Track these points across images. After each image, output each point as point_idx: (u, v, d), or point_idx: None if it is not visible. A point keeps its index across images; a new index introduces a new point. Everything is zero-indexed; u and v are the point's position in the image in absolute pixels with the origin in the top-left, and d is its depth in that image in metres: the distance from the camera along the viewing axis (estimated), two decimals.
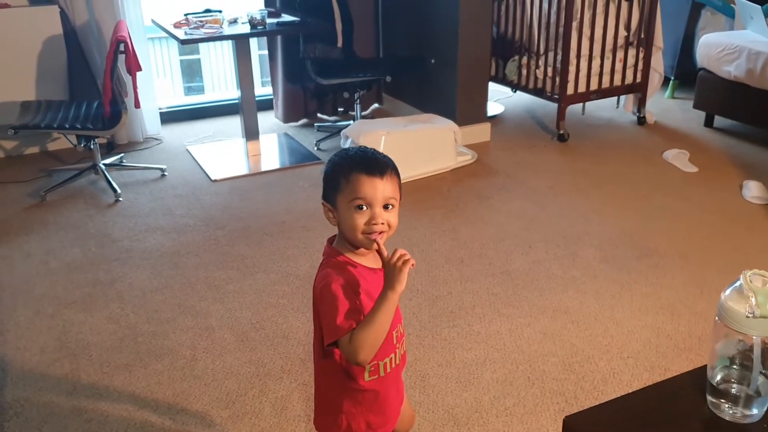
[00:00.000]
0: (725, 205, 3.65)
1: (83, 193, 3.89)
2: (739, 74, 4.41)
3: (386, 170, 1.39)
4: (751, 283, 1.05)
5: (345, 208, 1.38)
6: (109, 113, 3.65)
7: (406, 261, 1.32)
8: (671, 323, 2.65)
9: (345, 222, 1.39)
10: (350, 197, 1.37)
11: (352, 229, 1.38)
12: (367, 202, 1.37)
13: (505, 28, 4.92)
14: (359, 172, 1.37)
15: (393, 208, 1.40)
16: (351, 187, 1.37)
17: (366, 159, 1.40)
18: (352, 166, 1.39)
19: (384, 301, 1.32)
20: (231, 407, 2.24)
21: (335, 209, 1.41)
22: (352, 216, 1.37)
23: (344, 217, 1.39)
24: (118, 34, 3.53)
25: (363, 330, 1.32)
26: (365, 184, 1.36)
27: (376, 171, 1.37)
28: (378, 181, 1.37)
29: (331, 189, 1.41)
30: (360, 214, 1.37)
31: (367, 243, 1.39)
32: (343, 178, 1.38)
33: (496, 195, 3.79)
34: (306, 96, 4.97)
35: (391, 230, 1.40)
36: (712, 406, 1.12)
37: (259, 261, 3.15)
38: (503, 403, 2.24)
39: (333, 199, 1.41)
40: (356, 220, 1.37)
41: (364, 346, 1.32)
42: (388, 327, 1.34)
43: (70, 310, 2.79)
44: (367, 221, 1.37)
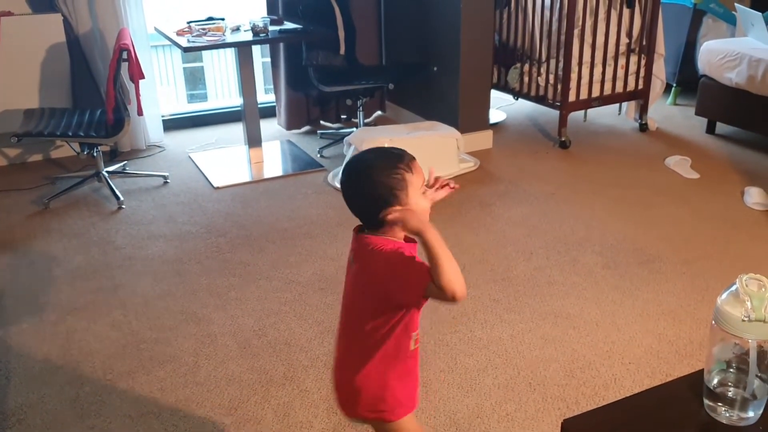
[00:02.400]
0: (727, 211, 3.66)
1: (86, 201, 3.91)
2: (741, 81, 4.42)
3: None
4: (746, 287, 1.05)
5: (417, 193, 1.48)
6: (112, 121, 3.67)
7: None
8: (673, 329, 2.65)
9: (420, 208, 1.48)
10: (419, 181, 1.49)
11: (425, 212, 1.49)
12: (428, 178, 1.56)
13: (507, 36, 4.94)
14: (411, 161, 1.49)
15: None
16: (417, 173, 1.48)
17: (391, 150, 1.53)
18: (401, 157, 1.49)
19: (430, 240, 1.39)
20: (233, 414, 2.25)
21: (405, 203, 1.46)
22: (424, 200, 1.50)
23: (417, 204, 1.47)
24: (121, 41, 3.55)
25: (439, 268, 1.37)
26: (420, 168, 1.50)
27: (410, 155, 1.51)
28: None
29: (395, 189, 1.46)
30: (425, 197, 1.52)
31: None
32: (404, 169, 1.47)
33: (498, 202, 3.80)
34: (309, 103, 4.99)
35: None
36: (708, 410, 1.12)
37: (261, 268, 3.16)
38: (504, 409, 2.24)
39: (402, 197, 1.46)
40: (425, 202, 1.51)
41: (452, 279, 1.38)
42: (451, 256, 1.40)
43: (74, 317, 2.80)
44: (431, 186, 1.56)
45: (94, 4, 4.23)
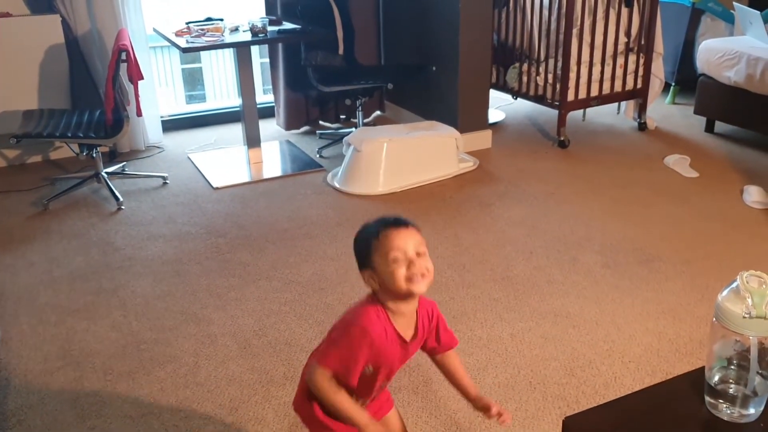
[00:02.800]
0: (726, 210, 3.66)
1: (86, 202, 3.91)
2: (739, 80, 4.42)
3: (408, 223, 1.50)
4: (747, 284, 1.05)
5: (383, 265, 1.46)
6: (111, 122, 3.67)
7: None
8: (673, 328, 2.65)
9: (387, 277, 1.46)
10: (385, 252, 1.45)
11: (396, 280, 1.45)
12: (402, 251, 1.45)
13: (505, 36, 4.94)
14: (386, 228, 1.47)
15: (425, 254, 1.48)
16: (383, 243, 1.45)
17: (387, 218, 1.51)
18: (378, 227, 1.49)
19: (352, 418, 1.51)
20: (234, 414, 2.25)
21: (374, 271, 1.48)
22: (392, 269, 1.45)
23: (385, 273, 1.46)
24: (120, 42, 3.55)
25: (332, 399, 1.50)
26: (395, 237, 1.46)
27: (400, 224, 1.48)
28: (405, 231, 1.47)
29: (365, 255, 1.50)
30: (398, 265, 1.45)
31: (413, 289, 1.46)
32: (374, 239, 1.47)
33: (497, 201, 3.80)
34: (308, 103, 4.99)
35: (430, 275, 1.48)
36: (710, 407, 1.12)
37: (261, 268, 3.16)
38: (505, 408, 2.24)
39: (369, 262, 1.49)
40: (396, 272, 1.44)
41: (321, 396, 1.52)
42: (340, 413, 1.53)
43: (74, 318, 2.80)
44: (407, 268, 1.45)
45: (93, 5, 4.23)
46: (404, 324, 1.54)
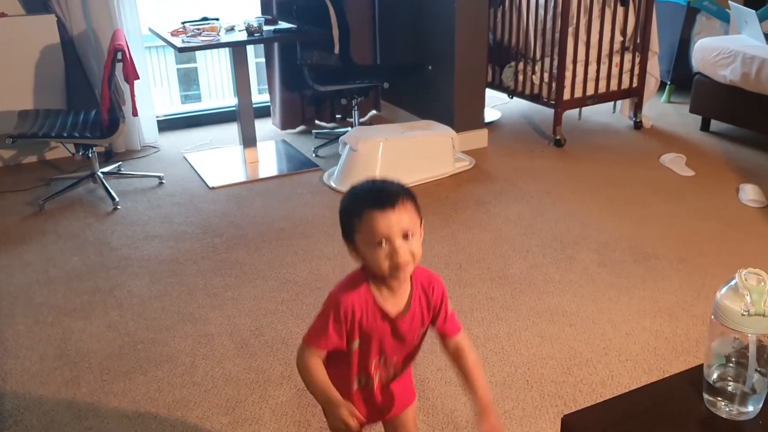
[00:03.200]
0: (722, 208, 3.67)
1: (82, 202, 3.90)
2: (735, 78, 4.43)
3: (397, 200, 1.36)
4: (746, 281, 1.06)
5: (365, 246, 1.38)
6: (107, 122, 3.66)
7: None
8: (669, 326, 2.66)
9: (369, 260, 1.39)
10: (367, 235, 1.36)
11: (378, 266, 1.37)
12: (386, 237, 1.35)
13: (501, 35, 4.94)
14: (371, 209, 1.35)
15: (413, 237, 1.38)
16: (366, 227, 1.35)
17: (375, 193, 1.38)
18: (362, 203, 1.37)
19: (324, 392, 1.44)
20: (231, 413, 2.25)
21: (356, 248, 1.41)
22: (374, 254, 1.36)
23: (367, 255, 1.39)
24: (115, 42, 3.55)
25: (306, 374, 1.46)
26: (379, 221, 1.34)
27: (387, 204, 1.35)
28: (391, 213, 1.34)
29: (348, 229, 1.41)
30: (381, 251, 1.35)
31: (395, 275, 1.38)
32: (356, 218, 1.37)
33: (493, 200, 3.81)
34: (303, 103, 4.98)
35: (416, 259, 1.39)
36: (708, 404, 1.13)
37: (257, 268, 3.15)
38: (502, 407, 2.24)
39: (353, 239, 1.41)
40: (379, 257, 1.36)
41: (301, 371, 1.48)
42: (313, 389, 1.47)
43: (70, 318, 2.79)
44: (389, 255, 1.35)
45: (88, 5, 4.22)
46: (390, 297, 1.45)
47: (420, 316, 1.49)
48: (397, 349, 1.52)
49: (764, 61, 4.23)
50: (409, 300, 1.47)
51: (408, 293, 1.47)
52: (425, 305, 1.50)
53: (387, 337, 1.48)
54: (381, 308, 1.44)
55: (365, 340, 1.46)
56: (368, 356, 1.49)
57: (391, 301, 1.45)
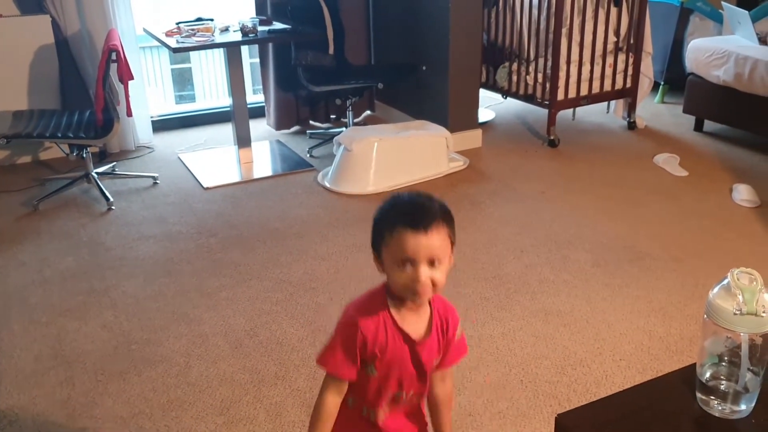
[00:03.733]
0: (716, 208, 3.68)
1: (76, 202, 3.89)
2: (728, 79, 4.45)
3: (432, 222, 1.29)
4: (738, 281, 1.06)
5: (389, 262, 1.32)
6: (102, 122, 3.66)
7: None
8: (663, 326, 2.67)
9: (390, 276, 1.33)
10: (393, 253, 1.30)
11: (395, 284, 1.32)
12: (411, 260, 1.28)
13: (495, 35, 4.95)
14: (403, 227, 1.27)
15: (441, 264, 1.31)
16: (394, 243, 1.29)
17: (413, 210, 1.31)
18: (397, 217, 1.30)
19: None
20: (225, 414, 2.25)
21: (381, 261, 1.35)
22: (396, 272, 1.30)
23: (389, 270, 1.33)
24: (110, 42, 3.54)
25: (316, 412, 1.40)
26: (408, 241, 1.27)
27: (420, 225, 1.27)
28: (422, 237, 1.27)
29: (377, 239, 1.34)
30: (403, 272, 1.29)
31: (412, 299, 1.34)
32: (387, 232, 1.30)
33: (488, 200, 3.81)
34: (298, 103, 4.98)
35: (438, 288, 1.33)
36: (701, 403, 1.13)
37: (252, 268, 3.15)
38: (496, 407, 2.25)
39: (379, 250, 1.35)
40: (400, 277, 1.30)
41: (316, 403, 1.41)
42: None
43: (65, 318, 2.79)
44: (411, 278, 1.29)
45: (83, 6, 4.22)
46: (411, 320, 1.38)
47: (437, 342, 1.42)
48: (414, 381, 1.43)
49: (757, 62, 4.25)
50: (429, 324, 1.41)
51: (428, 317, 1.41)
52: (441, 333, 1.43)
53: (407, 364, 1.39)
54: (401, 330, 1.37)
55: (385, 367, 1.38)
56: (386, 387, 1.41)
57: (412, 323, 1.38)
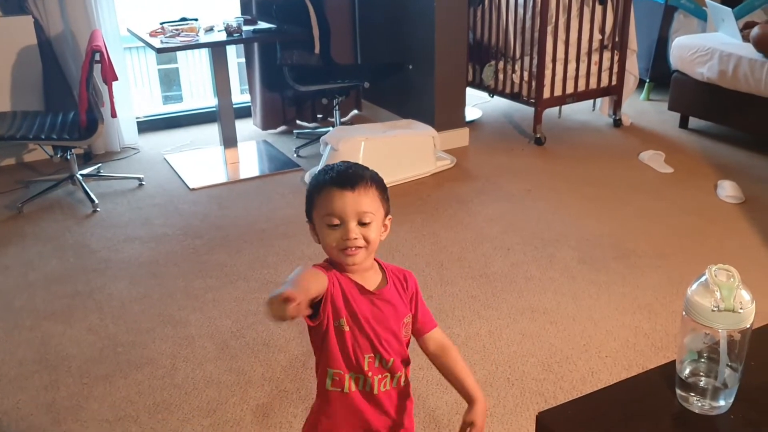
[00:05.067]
0: (701, 204, 3.70)
1: (61, 204, 3.87)
2: (712, 76, 4.47)
3: (359, 182, 1.33)
4: (716, 277, 1.07)
5: (320, 224, 1.34)
6: (86, 123, 3.64)
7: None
8: (648, 322, 2.68)
9: (323, 240, 1.35)
10: (322, 213, 1.33)
11: (327, 246, 1.34)
12: (339, 217, 1.31)
13: (481, 34, 4.96)
14: (330, 186, 1.32)
15: (371, 224, 1.33)
16: (322, 203, 1.33)
17: (340, 173, 1.35)
18: (325, 181, 1.34)
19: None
20: (212, 415, 2.24)
21: (313, 226, 1.38)
22: (327, 234, 1.33)
23: (321, 235, 1.35)
24: (93, 43, 3.52)
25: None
26: (335, 199, 1.31)
27: (347, 184, 1.32)
28: (349, 194, 1.31)
29: (309, 206, 1.38)
30: (333, 230, 1.32)
31: (344, 259, 1.34)
32: (316, 194, 1.35)
33: (475, 199, 3.82)
34: (284, 103, 4.97)
35: (370, 246, 1.34)
36: (681, 400, 1.14)
37: (238, 269, 3.14)
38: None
39: (311, 216, 1.38)
40: (329, 236, 1.33)
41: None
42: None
43: (49, 322, 2.77)
44: (341, 237, 1.32)
45: (66, 6, 4.19)
46: (363, 277, 1.38)
47: (398, 296, 1.43)
48: (389, 345, 1.41)
49: (741, 59, 4.28)
50: (384, 276, 1.42)
51: (380, 273, 1.42)
52: (401, 288, 1.44)
53: (376, 320, 1.38)
54: (356, 282, 1.37)
55: (354, 321, 1.36)
56: (360, 347, 1.38)
57: (365, 279, 1.39)
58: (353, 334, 1.38)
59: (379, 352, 1.41)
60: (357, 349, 1.39)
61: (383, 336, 1.40)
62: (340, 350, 1.39)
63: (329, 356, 1.39)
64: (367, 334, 1.39)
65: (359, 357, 1.40)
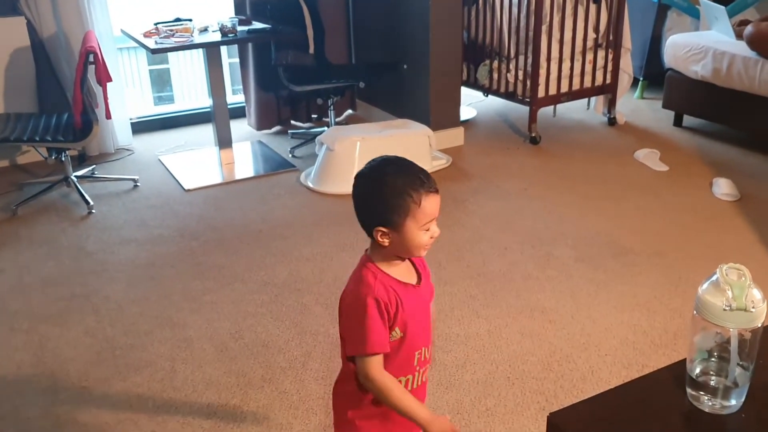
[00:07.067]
0: (696, 202, 3.71)
1: (55, 206, 3.84)
2: (706, 74, 4.48)
3: (436, 185, 1.39)
4: (727, 276, 1.07)
5: (413, 229, 1.35)
6: (80, 124, 3.61)
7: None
8: (647, 320, 2.68)
9: (411, 242, 1.37)
10: (425, 219, 1.35)
11: (419, 248, 1.38)
12: (434, 220, 1.38)
13: (475, 33, 4.96)
14: (428, 193, 1.35)
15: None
16: (424, 211, 1.34)
17: (422, 174, 1.37)
18: (417, 187, 1.34)
19: (410, 413, 1.40)
20: (212, 418, 2.23)
21: (399, 232, 1.36)
22: (420, 235, 1.37)
23: (411, 238, 1.36)
24: (87, 44, 3.50)
25: (384, 391, 1.39)
26: (433, 203, 1.36)
27: (432, 188, 1.37)
28: (437, 197, 1.37)
29: (394, 213, 1.35)
30: (427, 233, 1.38)
31: (421, 254, 1.42)
32: (413, 204, 1.33)
33: (471, 198, 3.82)
34: (279, 103, 4.96)
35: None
36: (691, 399, 1.13)
37: (235, 270, 3.13)
38: (484, 404, 2.25)
39: (398, 223, 1.35)
40: (422, 238, 1.37)
41: (375, 390, 1.40)
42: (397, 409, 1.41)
43: (46, 325, 2.75)
44: (431, 236, 1.39)
45: (58, 7, 4.16)
46: (402, 271, 1.43)
47: (429, 282, 1.51)
48: (428, 333, 1.49)
49: (734, 57, 4.29)
50: (415, 268, 1.48)
51: (410, 265, 1.47)
52: (428, 274, 1.51)
53: (419, 315, 1.44)
54: (401, 282, 1.42)
55: (405, 324, 1.41)
56: (413, 345, 1.44)
57: (404, 275, 1.44)
58: (406, 337, 1.42)
59: (424, 345, 1.47)
60: (410, 351, 1.44)
61: (427, 326, 1.47)
62: (393, 358, 1.42)
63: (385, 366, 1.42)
64: (417, 331, 1.44)
65: (411, 357, 1.45)
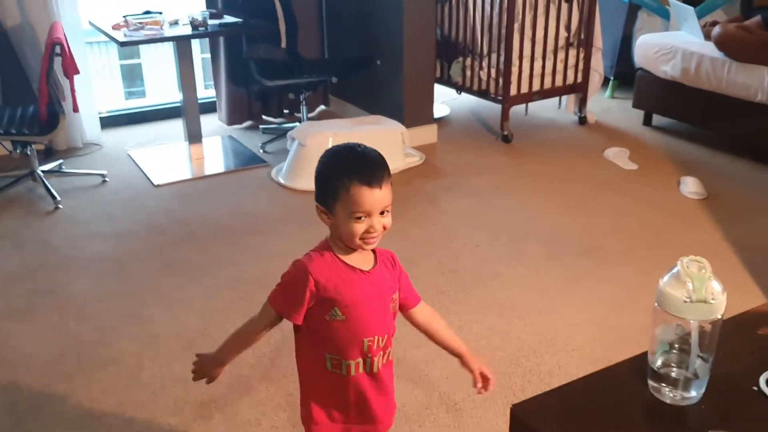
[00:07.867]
0: (664, 200, 3.75)
1: (21, 201, 3.78)
2: (675, 74, 4.53)
3: (384, 179, 1.38)
4: (688, 268, 1.07)
5: (343, 217, 1.38)
6: (46, 117, 3.55)
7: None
8: (615, 316, 2.71)
9: (343, 229, 1.39)
10: (350, 209, 1.37)
11: (350, 236, 1.39)
12: (367, 213, 1.37)
13: (449, 30, 4.96)
14: (360, 184, 1.35)
15: (389, 213, 1.42)
16: (352, 200, 1.36)
17: (365, 166, 1.38)
18: (351, 175, 1.36)
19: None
20: (179, 414, 2.20)
21: (331, 214, 1.40)
22: (351, 225, 1.38)
23: (342, 224, 1.39)
24: (53, 36, 3.44)
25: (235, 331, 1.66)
26: (366, 198, 1.36)
27: (375, 182, 1.36)
28: (377, 192, 1.36)
29: (328, 195, 1.40)
30: (359, 224, 1.38)
31: (363, 246, 1.42)
32: (342, 189, 1.36)
33: (443, 196, 3.82)
34: (250, 98, 4.92)
35: (386, 231, 1.43)
36: (653, 390, 1.14)
37: (205, 266, 3.10)
38: (452, 399, 2.25)
39: (330, 205, 1.40)
40: (355, 229, 1.38)
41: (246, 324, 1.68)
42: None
43: (9, 321, 2.70)
44: (365, 229, 1.38)
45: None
46: (357, 258, 1.45)
47: (388, 272, 1.51)
48: (384, 323, 1.49)
49: (703, 57, 4.34)
50: (375, 258, 1.49)
51: (372, 255, 1.49)
52: (390, 264, 1.52)
53: (368, 301, 1.45)
54: (350, 265, 1.44)
55: (349, 309, 1.43)
56: (361, 331, 1.45)
57: (358, 260, 1.46)
58: (350, 320, 1.44)
59: (377, 333, 1.47)
60: (357, 336, 1.45)
61: (380, 314, 1.47)
62: (336, 339, 1.46)
63: (326, 343, 1.47)
64: (368, 319, 1.45)
65: (358, 342, 1.46)
